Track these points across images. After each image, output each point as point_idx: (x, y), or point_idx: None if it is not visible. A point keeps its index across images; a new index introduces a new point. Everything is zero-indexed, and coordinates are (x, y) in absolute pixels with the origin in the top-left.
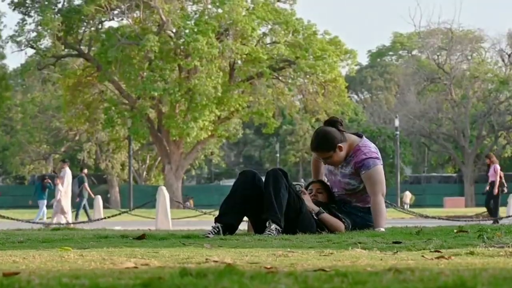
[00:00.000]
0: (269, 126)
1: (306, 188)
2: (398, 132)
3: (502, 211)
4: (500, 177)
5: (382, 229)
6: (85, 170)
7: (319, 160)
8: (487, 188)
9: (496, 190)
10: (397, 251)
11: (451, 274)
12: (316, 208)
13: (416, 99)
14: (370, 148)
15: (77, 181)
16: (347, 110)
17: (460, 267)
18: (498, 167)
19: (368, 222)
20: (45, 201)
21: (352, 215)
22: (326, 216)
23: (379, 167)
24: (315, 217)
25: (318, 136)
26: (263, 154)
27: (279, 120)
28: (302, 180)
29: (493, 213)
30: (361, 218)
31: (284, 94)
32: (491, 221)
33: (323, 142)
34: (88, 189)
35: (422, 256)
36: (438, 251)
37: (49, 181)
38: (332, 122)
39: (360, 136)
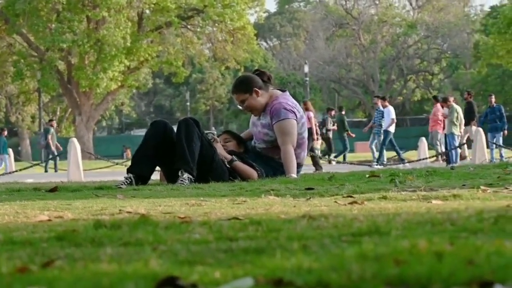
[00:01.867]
0: (179, 75)
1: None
2: (307, 78)
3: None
4: (314, 125)
5: (294, 175)
6: (54, 122)
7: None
8: None
9: (314, 137)
10: (310, 198)
11: (365, 220)
12: (228, 157)
13: (325, 45)
14: (288, 101)
15: (43, 133)
16: (257, 58)
17: (374, 212)
18: (312, 114)
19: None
20: (4, 155)
21: (273, 168)
22: (238, 164)
23: (292, 121)
24: (227, 165)
25: (238, 78)
26: (173, 103)
27: (189, 69)
28: (213, 128)
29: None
30: (281, 172)
31: (193, 43)
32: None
33: (240, 84)
34: (51, 141)
35: (335, 202)
36: (351, 197)
37: (4, 133)
38: (259, 73)
39: (283, 91)
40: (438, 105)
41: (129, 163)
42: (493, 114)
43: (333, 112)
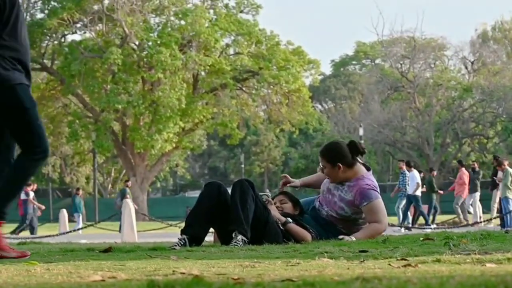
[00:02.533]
0: (234, 137)
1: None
2: (362, 141)
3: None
4: None
5: (353, 239)
6: (129, 183)
7: (321, 177)
8: None
9: None
10: (363, 260)
11: (419, 282)
12: (282, 219)
13: (380, 108)
14: (373, 181)
15: (120, 194)
16: (311, 120)
17: (427, 275)
18: None
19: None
20: (78, 214)
21: (327, 232)
22: (292, 226)
23: (381, 200)
24: (281, 227)
25: (330, 144)
26: (228, 165)
27: (244, 131)
28: (267, 190)
29: None
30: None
31: (248, 105)
32: None
33: (327, 151)
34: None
35: (389, 264)
36: (405, 259)
37: (79, 193)
38: (353, 145)
39: (368, 168)
40: (463, 169)
41: (183, 224)
42: None
43: (421, 174)
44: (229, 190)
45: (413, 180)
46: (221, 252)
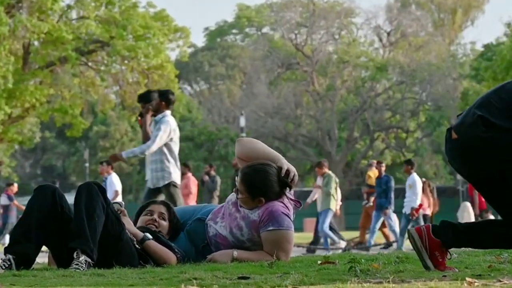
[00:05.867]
0: (76, 127)
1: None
2: (244, 134)
3: None
4: None
5: (233, 254)
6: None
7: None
8: None
9: None
10: None
11: None
12: (140, 234)
13: (268, 91)
14: (291, 210)
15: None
16: (178, 106)
17: None
18: None
19: None
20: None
21: (198, 251)
22: (152, 244)
23: (293, 234)
24: (137, 245)
25: (254, 170)
26: (67, 163)
27: (89, 119)
28: (120, 197)
29: None
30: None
31: (95, 85)
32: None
33: (250, 180)
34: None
35: None
36: None
37: None
38: (283, 178)
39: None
40: (190, 174)
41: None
42: (379, 187)
43: None
44: (68, 196)
45: (112, 187)
46: (58, 277)
